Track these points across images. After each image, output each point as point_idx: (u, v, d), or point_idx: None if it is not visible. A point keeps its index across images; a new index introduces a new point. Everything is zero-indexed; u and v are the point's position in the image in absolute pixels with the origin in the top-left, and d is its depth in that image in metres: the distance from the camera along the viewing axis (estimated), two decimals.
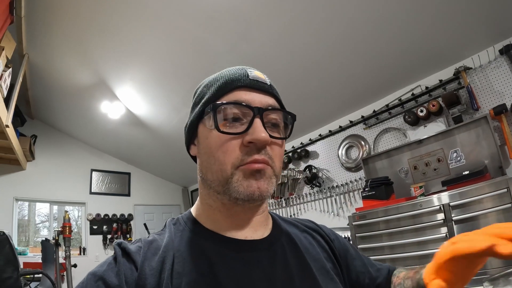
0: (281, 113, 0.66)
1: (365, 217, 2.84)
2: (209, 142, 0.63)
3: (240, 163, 0.60)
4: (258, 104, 0.62)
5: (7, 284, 2.14)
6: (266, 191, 0.61)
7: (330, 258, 0.76)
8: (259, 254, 0.64)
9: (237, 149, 0.60)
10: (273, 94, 0.67)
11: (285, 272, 0.64)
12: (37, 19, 3.42)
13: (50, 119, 5.93)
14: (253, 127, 0.60)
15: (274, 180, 0.64)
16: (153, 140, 5.69)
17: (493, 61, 2.85)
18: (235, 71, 0.67)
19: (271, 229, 0.72)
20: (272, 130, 0.63)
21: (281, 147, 0.66)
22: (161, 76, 4.09)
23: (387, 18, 2.75)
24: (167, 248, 0.62)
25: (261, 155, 0.60)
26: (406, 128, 3.49)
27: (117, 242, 0.63)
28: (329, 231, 0.85)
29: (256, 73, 0.67)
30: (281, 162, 0.67)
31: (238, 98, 0.63)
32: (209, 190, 0.66)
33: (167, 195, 7.45)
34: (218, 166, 0.61)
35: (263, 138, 0.59)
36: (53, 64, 4.21)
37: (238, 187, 0.59)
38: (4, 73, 3.13)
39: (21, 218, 5.66)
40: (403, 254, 2.54)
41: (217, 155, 0.61)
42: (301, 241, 0.74)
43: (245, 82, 0.64)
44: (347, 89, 3.71)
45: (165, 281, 0.56)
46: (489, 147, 2.73)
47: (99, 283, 0.54)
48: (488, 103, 2.87)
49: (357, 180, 3.96)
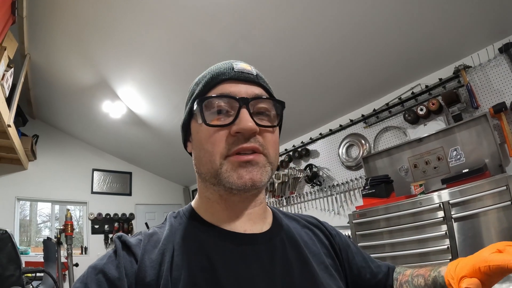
0: (270, 102, 0.67)
1: (365, 215, 2.85)
2: (200, 136, 0.64)
3: (227, 152, 0.61)
4: (244, 94, 0.63)
5: (9, 282, 2.16)
6: (260, 180, 0.61)
7: (330, 254, 0.76)
8: (259, 248, 0.64)
9: (224, 140, 0.61)
10: (260, 84, 0.68)
11: (284, 267, 0.64)
12: (39, 19, 3.43)
13: (51, 119, 5.95)
14: (240, 118, 0.60)
15: (269, 168, 0.64)
16: (154, 139, 5.70)
17: (493, 59, 2.85)
18: (220, 66, 0.68)
19: (271, 224, 0.72)
20: (261, 119, 0.64)
21: (273, 134, 0.66)
22: (162, 75, 4.11)
23: (386, 18, 2.75)
24: (167, 241, 0.62)
25: (250, 143, 0.61)
26: (406, 127, 3.50)
27: (118, 235, 0.63)
28: (331, 227, 0.85)
29: (242, 65, 0.68)
30: (276, 149, 0.67)
31: (223, 91, 0.64)
32: (205, 183, 0.67)
33: (168, 195, 7.46)
34: (207, 157, 0.62)
35: (249, 127, 0.59)
36: (55, 64, 4.23)
37: (228, 178, 0.60)
38: (6, 73, 3.14)
39: (22, 218, 5.67)
40: (403, 252, 2.55)
41: (206, 147, 0.62)
42: (301, 236, 0.74)
43: (230, 74, 0.65)
44: (348, 88, 3.72)
45: (165, 274, 0.56)
46: (489, 145, 2.74)
47: (99, 276, 0.55)
48: (487, 101, 2.87)
49: (357, 178, 3.97)
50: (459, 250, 2.22)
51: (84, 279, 0.55)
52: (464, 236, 2.22)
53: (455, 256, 2.22)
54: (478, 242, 2.16)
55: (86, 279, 0.55)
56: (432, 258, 2.36)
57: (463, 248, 2.21)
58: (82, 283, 0.55)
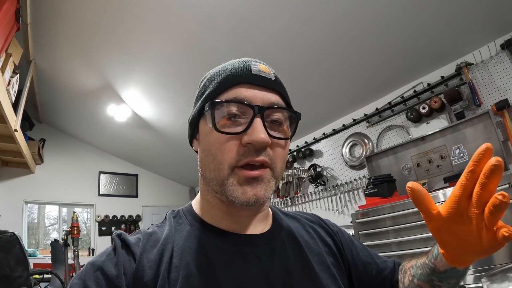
0: (286, 112, 0.64)
1: (367, 215, 2.85)
2: (208, 140, 0.62)
3: (236, 163, 0.58)
4: (259, 102, 0.60)
5: (17, 283, 2.19)
6: (263, 197, 0.59)
7: (332, 252, 0.75)
8: (258, 249, 0.64)
9: (234, 149, 0.58)
10: (277, 91, 0.64)
11: (284, 268, 0.63)
12: (43, 25, 3.48)
13: (58, 123, 6.01)
14: (252, 127, 0.57)
15: (272, 183, 0.61)
16: (159, 141, 5.73)
17: (495, 56, 2.84)
18: (237, 65, 0.64)
19: (271, 224, 0.72)
20: (274, 129, 0.61)
21: (284, 148, 0.63)
22: (165, 78, 4.13)
23: (387, 17, 2.75)
24: (166, 241, 0.62)
25: (261, 156, 0.58)
26: (408, 126, 3.49)
27: (117, 233, 0.63)
28: (332, 224, 0.84)
29: (260, 67, 0.64)
30: (284, 163, 0.64)
31: (238, 95, 0.60)
32: (208, 187, 0.65)
33: (174, 196, 7.48)
34: (215, 165, 0.60)
35: (261, 140, 0.56)
36: (60, 69, 4.28)
37: (233, 192, 0.58)
38: (12, 79, 3.19)
39: (31, 221, 5.74)
40: (407, 251, 2.53)
41: (215, 153, 0.60)
42: (302, 236, 0.74)
43: (247, 77, 0.61)
44: (350, 87, 3.72)
45: (162, 274, 0.56)
46: (492, 143, 2.69)
47: (97, 273, 0.55)
48: (490, 98, 2.86)
49: (361, 178, 3.97)
50: None
51: (82, 276, 0.55)
52: None
53: None
54: None
55: (84, 275, 0.55)
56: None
57: None
58: (80, 279, 0.55)
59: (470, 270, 2.13)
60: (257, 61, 0.66)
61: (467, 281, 2.11)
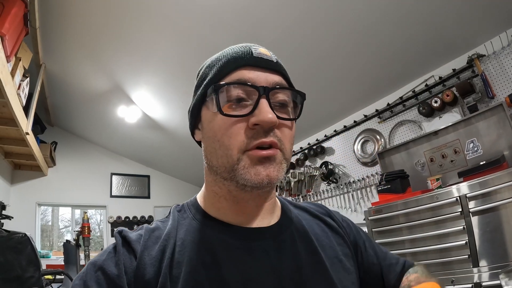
0: (290, 92, 0.62)
1: (381, 212, 2.80)
2: (213, 125, 0.60)
3: (246, 147, 0.56)
4: (263, 83, 0.59)
5: (29, 283, 2.22)
6: (276, 177, 0.57)
7: (345, 243, 0.73)
8: (266, 243, 0.61)
9: (242, 132, 0.57)
10: (280, 72, 0.63)
11: (293, 262, 0.61)
12: (52, 29, 3.51)
13: (69, 126, 6.08)
14: (259, 108, 0.56)
15: (284, 165, 0.60)
16: (170, 142, 5.75)
17: (507, 47, 2.75)
18: (238, 49, 0.63)
19: (280, 216, 0.69)
20: (280, 110, 0.60)
21: (290, 128, 0.62)
22: (174, 78, 4.14)
23: (396, 11, 2.70)
24: (168, 236, 0.60)
25: (269, 137, 0.57)
26: (421, 120, 3.42)
27: (118, 230, 0.61)
28: (339, 216, 0.82)
29: (261, 50, 0.63)
30: (291, 144, 0.63)
31: (241, 77, 0.59)
32: (216, 177, 0.63)
33: (186, 196, 7.33)
34: (223, 151, 0.58)
35: (269, 120, 0.55)
36: (70, 72, 4.32)
37: (245, 174, 0.56)
38: (22, 83, 3.22)
39: (45, 223, 5.82)
40: (421, 248, 2.48)
41: (221, 139, 0.58)
42: (312, 229, 0.71)
43: (249, 60, 0.60)
44: (361, 83, 3.68)
45: (163, 271, 0.54)
46: (507, 136, 2.63)
47: (98, 273, 0.54)
48: (503, 90, 2.78)
49: (373, 174, 3.91)
50: (478, 245, 2.15)
51: (83, 276, 0.55)
52: (482, 230, 2.14)
53: (474, 252, 2.15)
54: (497, 236, 2.07)
55: (85, 276, 0.54)
56: (453, 254, 2.27)
57: (482, 243, 2.13)
58: (81, 280, 0.54)
59: (486, 267, 2.08)
60: (256, 45, 0.65)
61: (483, 279, 2.06)
